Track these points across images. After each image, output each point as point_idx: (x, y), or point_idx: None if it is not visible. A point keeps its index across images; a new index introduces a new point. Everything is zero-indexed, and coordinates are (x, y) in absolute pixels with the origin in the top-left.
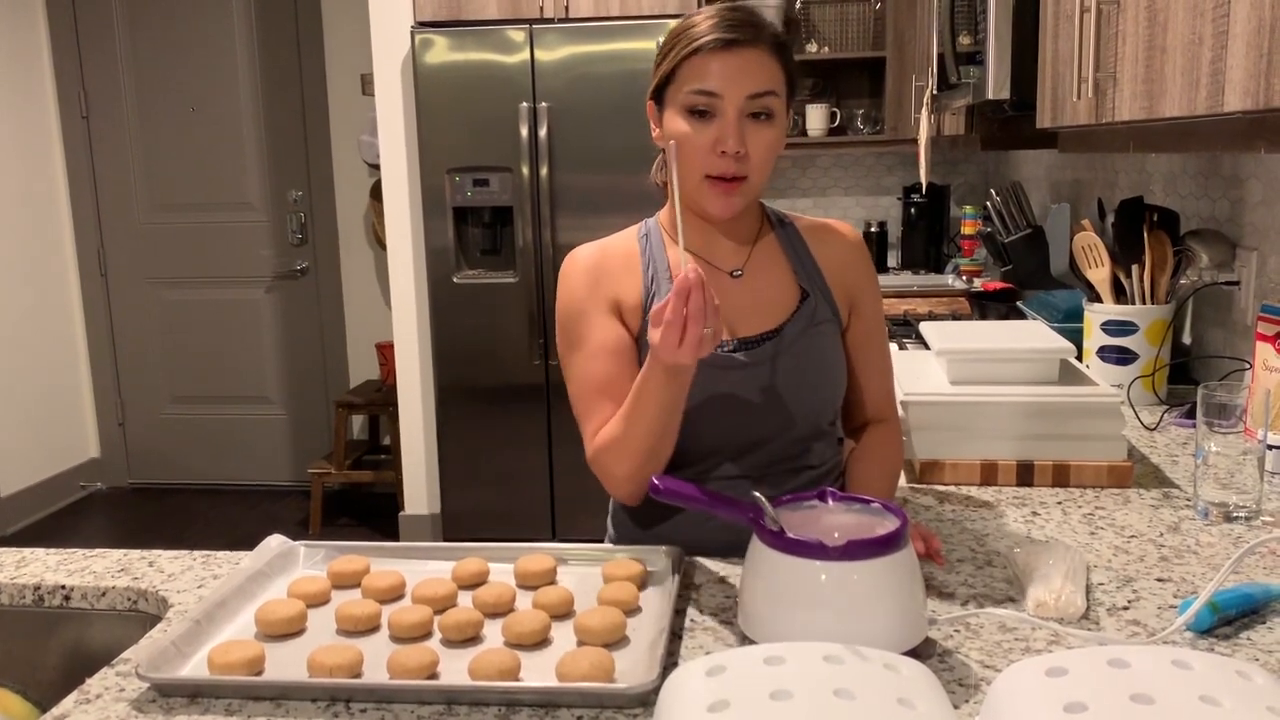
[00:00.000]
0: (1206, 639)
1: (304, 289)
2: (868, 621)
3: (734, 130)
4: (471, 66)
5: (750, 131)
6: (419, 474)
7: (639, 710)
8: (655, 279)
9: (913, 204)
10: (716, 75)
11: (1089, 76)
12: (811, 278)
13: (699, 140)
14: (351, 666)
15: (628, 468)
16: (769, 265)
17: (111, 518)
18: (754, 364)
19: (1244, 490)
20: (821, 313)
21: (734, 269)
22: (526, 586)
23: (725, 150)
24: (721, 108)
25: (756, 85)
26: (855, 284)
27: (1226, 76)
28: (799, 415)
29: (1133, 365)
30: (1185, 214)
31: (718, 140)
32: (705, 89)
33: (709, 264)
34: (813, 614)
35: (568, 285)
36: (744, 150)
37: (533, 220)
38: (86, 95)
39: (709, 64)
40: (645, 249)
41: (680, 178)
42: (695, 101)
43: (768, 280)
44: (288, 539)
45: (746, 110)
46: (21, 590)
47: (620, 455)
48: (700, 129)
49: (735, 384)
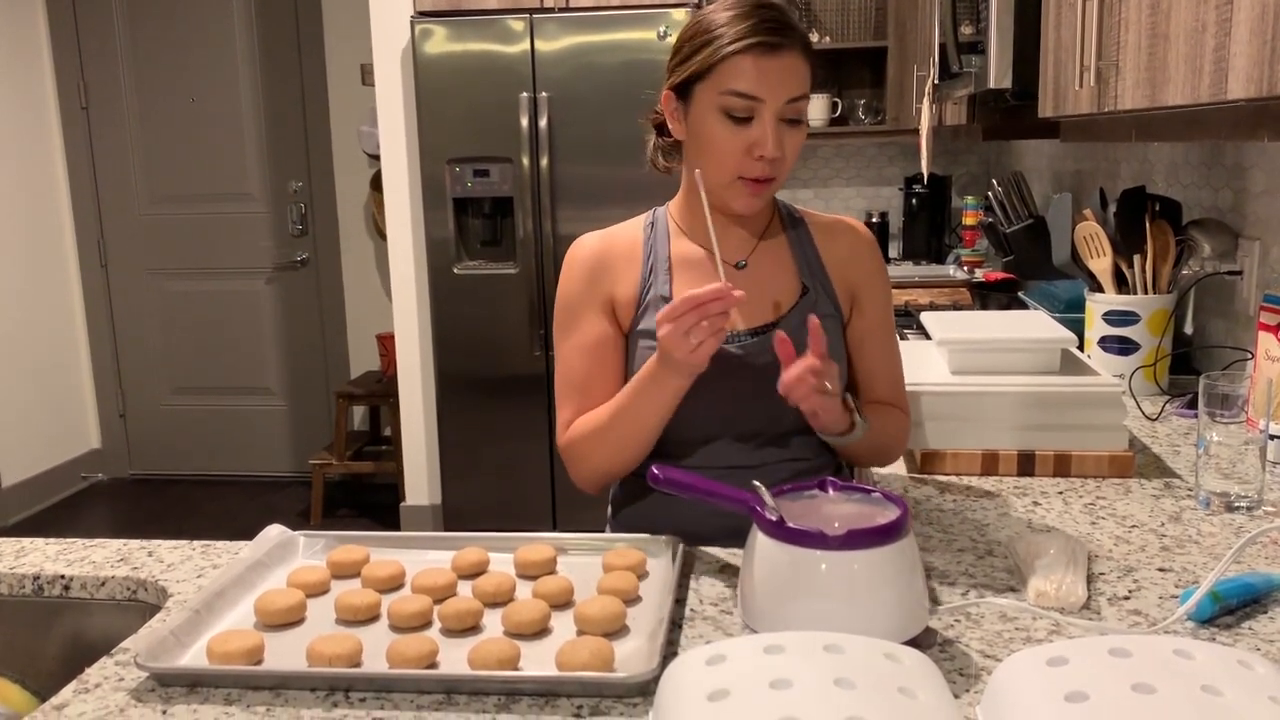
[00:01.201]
0: (1208, 629)
1: (304, 280)
2: (868, 611)
3: (773, 135)
4: (472, 56)
5: (785, 135)
6: (419, 465)
7: (639, 699)
8: (654, 271)
9: (914, 194)
10: (758, 79)
11: (1091, 65)
12: (814, 272)
13: (735, 142)
14: (351, 656)
15: (602, 459)
16: (773, 259)
17: (112, 508)
18: (746, 355)
19: (1245, 480)
20: (822, 307)
21: (739, 260)
22: (526, 576)
23: (764, 155)
24: (760, 111)
25: (794, 90)
26: (860, 279)
27: (1230, 64)
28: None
29: (1134, 355)
30: (1187, 204)
31: (755, 144)
32: (747, 92)
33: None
34: (813, 603)
35: (568, 275)
36: (781, 154)
37: (533, 211)
38: (86, 87)
39: (750, 66)
40: (649, 239)
41: (708, 176)
42: (733, 105)
43: (771, 273)
44: (287, 529)
45: (783, 115)
46: (21, 580)
47: (599, 446)
48: (736, 131)
49: (727, 375)
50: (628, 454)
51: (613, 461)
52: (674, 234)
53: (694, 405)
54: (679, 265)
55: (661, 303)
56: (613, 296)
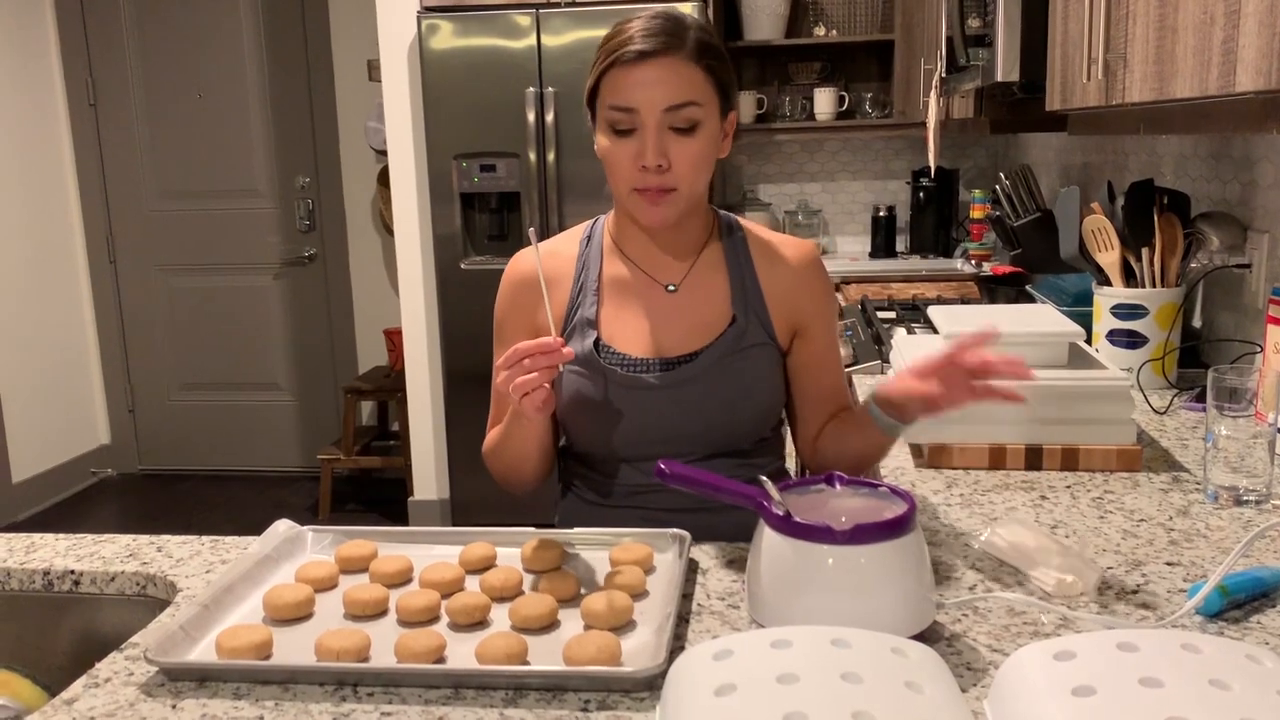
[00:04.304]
0: (1216, 623)
1: (312, 275)
2: (875, 605)
3: (653, 145)
4: (478, 52)
5: (673, 144)
6: (428, 459)
7: (646, 694)
8: (583, 291)
9: (921, 188)
10: (632, 90)
11: (1099, 57)
12: (749, 299)
13: (622, 155)
14: (359, 650)
15: (501, 474)
16: (706, 282)
17: (122, 504)
18: (662, 387)
19: (1254, 474)
20: (752, 336)
21: (669, 284)
22: (533, 571)
23: (645, 165)
24: (640, 122)
25: (674, 97)
26: (803, 308)
27: (1238, 56)
28: (706, 438)
29: (1142, 349)
30: (1196, 197)
31: (637, 155)
32: (621, 105)
33: (647, 276)
34: (820, 598)
35: (500, 292)
36: (666, 163)
37: (540, 206)
38: (94, 82)
39: (625, 78)
40: (583, 254)
41: (614, 191)
42: (615, 119)
43: (703, 298)
44: (295, 524)
45: (666, 124)
46: (31, 575)
47: (496, 463)
48: (622, 145)
49: (642, 403)
50: (522, 474)
51: (508, 479)
52: (608, 250)
53: (603, 425)
54: (609, 285)
55: (587, 326)
56: (534, 322)
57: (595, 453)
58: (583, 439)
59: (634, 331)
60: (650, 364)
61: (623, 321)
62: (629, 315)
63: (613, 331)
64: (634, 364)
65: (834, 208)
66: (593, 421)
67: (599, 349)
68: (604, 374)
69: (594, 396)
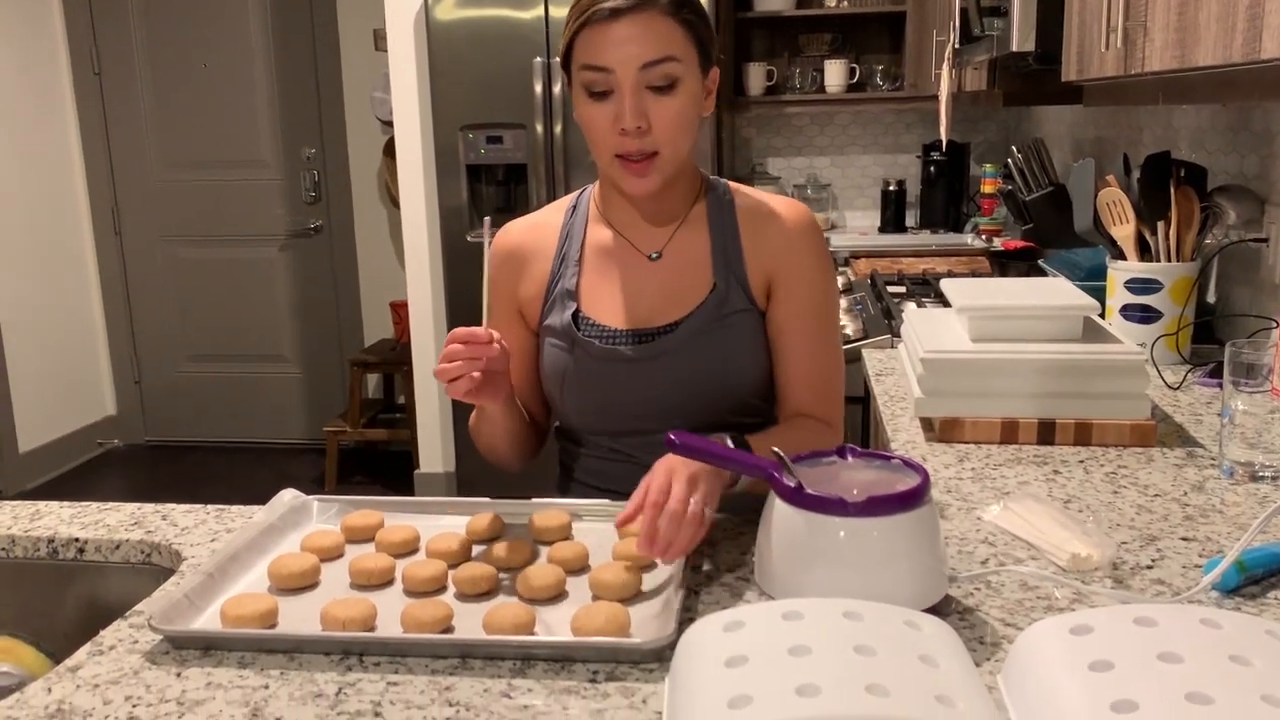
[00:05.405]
0: (1233, 598)
1: (318, 247)
2: (888, 578)
3: (631, 106)
4: (484, 22)
5: (652, 104)
6: (434, 432)
7: (654, 665)
8: (565, 262)
9: (932, 162)
10: (603, 48)
11: (1118, 25)
12: (730, 265)
13: (601, 119)
14: (365, 620)
15: (483, 451)
16: (689, 249)
17: (128, 474)
18: (638, 359)
19: (1271, 449)
20: (734, 302)
21: (652, 252)
22: (541, 541)
23: (625, 129)
24: (616, 83)
25: (650, 54)
26: (780, 264)
27: (1265, 21)
28: (686, 409)
29: (1156, 323)
30: (1213, 170)
31: (616, 118)
32: (595, 64)
33: (630, 244)
34: (832, 570)
35: (492, 260)
36: (646, 125)
37: (546, 178)
38: (99, 52)
39: (599, 36)
40: (566, 224)
41: (596, 158)
42: (591, 79)
43: (684, 265)
44: (301, 493)
45: (644, 82)
46: (36, 543)
47: (476, 439)
48: (600, 108)
49: (618, 375)
50: (500, 454)
51: (491, 457)
52: (593, 218)
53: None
54: (591, 254)
55: (566, 298)
56: (519, 296)
57: (579, 427)
58: (564, 413)
59: (614, 302)
60: (628, 335)
61: (603, 292)
62: (610, 285)
63: (592, 302)
64: (611, 335)
65: (844, 181)
66: (571, 395)
67: (578, 321)
68: (582, 347)
69: (571, 369)
